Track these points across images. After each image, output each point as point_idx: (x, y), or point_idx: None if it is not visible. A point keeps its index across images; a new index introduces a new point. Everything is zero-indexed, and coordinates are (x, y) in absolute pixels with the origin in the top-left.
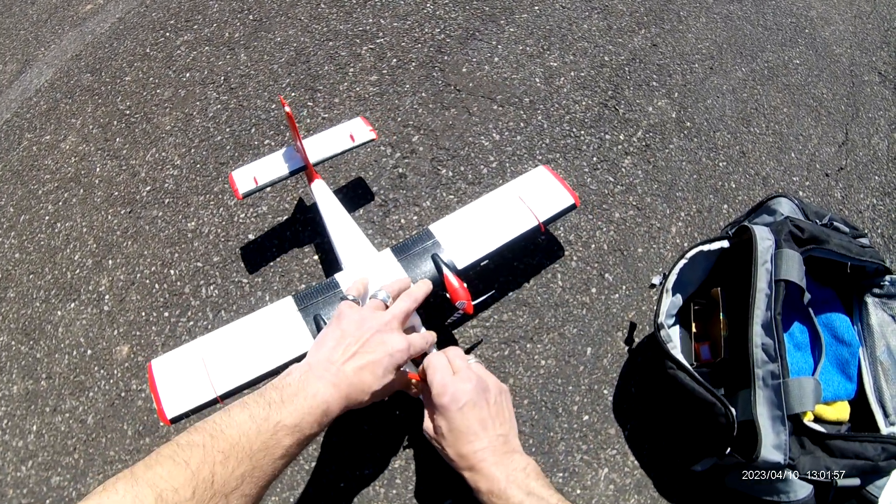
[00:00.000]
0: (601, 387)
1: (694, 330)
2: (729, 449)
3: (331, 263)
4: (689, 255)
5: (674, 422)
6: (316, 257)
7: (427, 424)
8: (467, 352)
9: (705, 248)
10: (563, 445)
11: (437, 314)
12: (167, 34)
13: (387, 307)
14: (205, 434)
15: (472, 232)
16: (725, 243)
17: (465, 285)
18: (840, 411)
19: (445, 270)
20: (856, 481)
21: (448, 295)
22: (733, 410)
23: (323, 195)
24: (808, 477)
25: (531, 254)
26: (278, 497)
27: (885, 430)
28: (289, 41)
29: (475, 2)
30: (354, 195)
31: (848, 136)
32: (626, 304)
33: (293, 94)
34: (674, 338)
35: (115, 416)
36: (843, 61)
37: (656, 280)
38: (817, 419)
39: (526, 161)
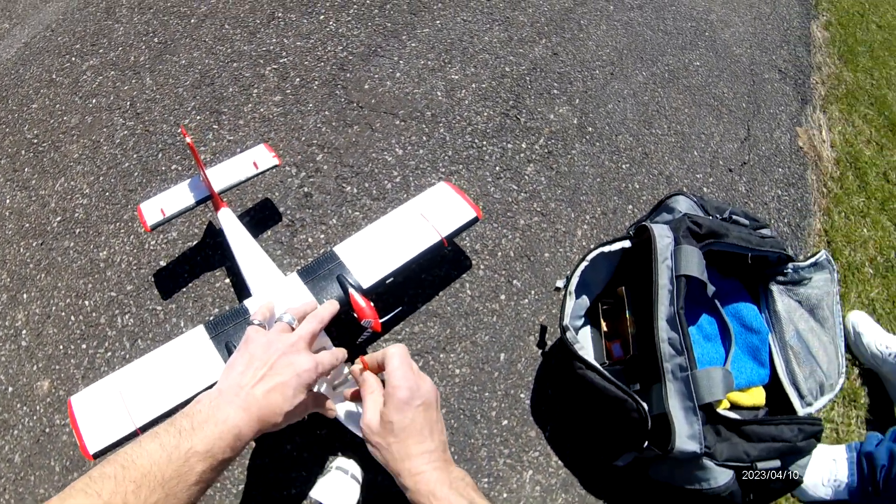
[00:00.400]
0: (518, 391)
1: (604, 329)
2: (646, 443)
3: (242, 286)
4: (589, 257)
5: (592, 420)
6: (227, 280)
7: (370, 419)
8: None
9: (606, 249)
10: (484, 451)
11: (348, 333)
12: (73, 59)
13: (293, 329)
14: (116, 465)
15: (376, 251)
16: (627, 243)
17: (372, 304)
18: (756, 397)
19: (351, 290)
20: (776, 463)
21: (355, 315)
22: (644, 405)
23: (229, 223)
24: (727, 464)
25: (438, 265)
26: None
27: (801, 411)
28: (193, 64)
29: (377, 18)
30: (262, 217)
31: (750, 132)
32: (536, 309)
33: (198, 117)
34: (584, 338)
35: (41, 453)
36: (744, 61)
37: (560, 283)
38: (734, 406)
39: (429, 174)
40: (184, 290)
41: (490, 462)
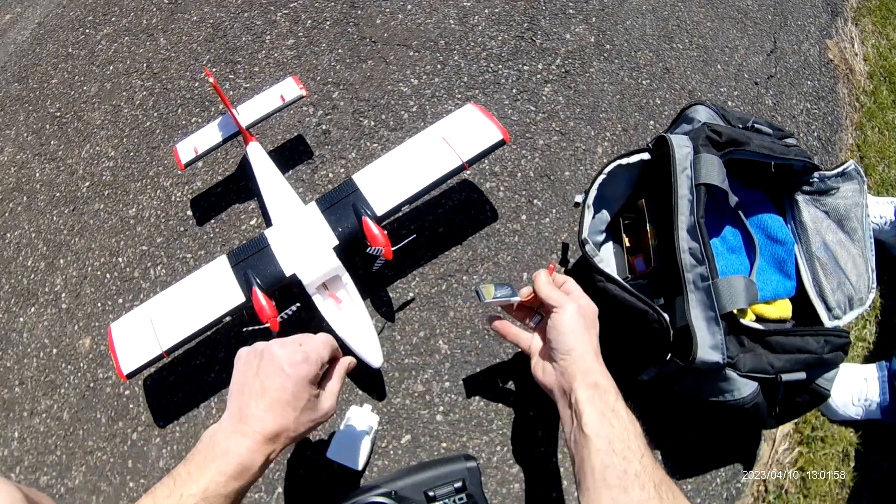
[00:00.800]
0: None
1: (626, 244)
2: (669, 355)
3: (268, 219)
4: (607, 170)
5: (614, 335)
6: (253, 222)
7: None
8: (399, 309)
9: (624, 161)
10: (510, 370)
11: (363, 264)
12: (87, 31)
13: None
14: None
15: (394, 177)
16: (646, 155)
17: (385, 232)
18: (782, 309)
19: (365, 218)
20: (801, 375)
21: (368, 242)
22: (666, 316)
23: (257, 157)
24: (751, 374)
25: (458, 191)
26: None
27: (828, 323)
28: (205, 18)
29: None
30: (293, 154)
31: (777, 44)
32: (557, 227)
33: (214, 69)
34: (606, 254)
35: (87, 408)
36: None
37: (579, 198)
38: (760, 319)
39: (445, 101)
40: (212, 236)
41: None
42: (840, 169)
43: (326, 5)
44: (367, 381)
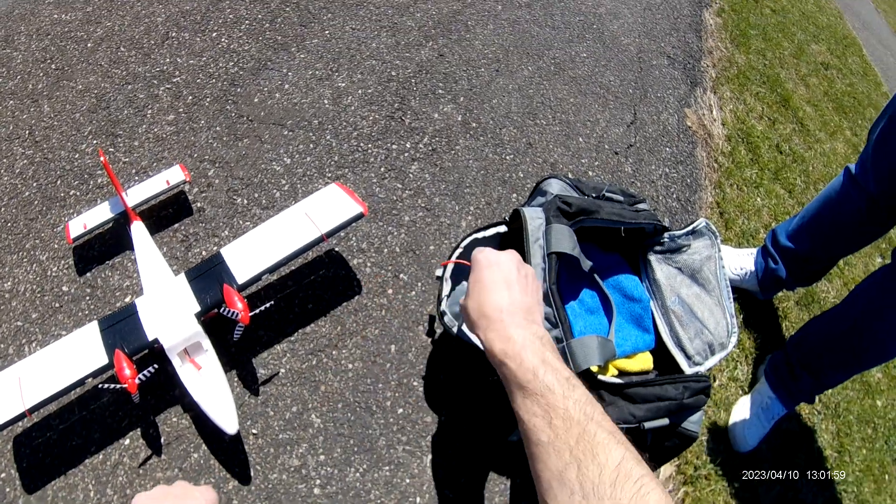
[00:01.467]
0: (410, 380)
1: None
2: None
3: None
4: (464, 243)
5: (483, 398)
6: (128, 299)
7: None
8: (263, 382)
9: (480, 234)
10: (383, 440)
11: (224, 330)
12: None
13: None
14: None
15: (257, 249)
16: (503, 228)
17: (244, 299)
18: (643, 362)
19: (225, 284)
20: (664, 421)
21: (227, 307)
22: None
23: (139, 235)
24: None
25: (326, 266)
26: None
27: (689, 370)
28: (90, 88)
29: (268, 32)
30: (168, 231)
31: (637, 115)
32: (423, 300)
33: (95, 141)
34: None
35: None
36: (632, 49)
37: (439, 272)
38: (623, 373)
39: (316, 180)
40: (87, 312)
41: (389, 450)
42: (690, 228)
43: (207, 82)
44: (234, 464)
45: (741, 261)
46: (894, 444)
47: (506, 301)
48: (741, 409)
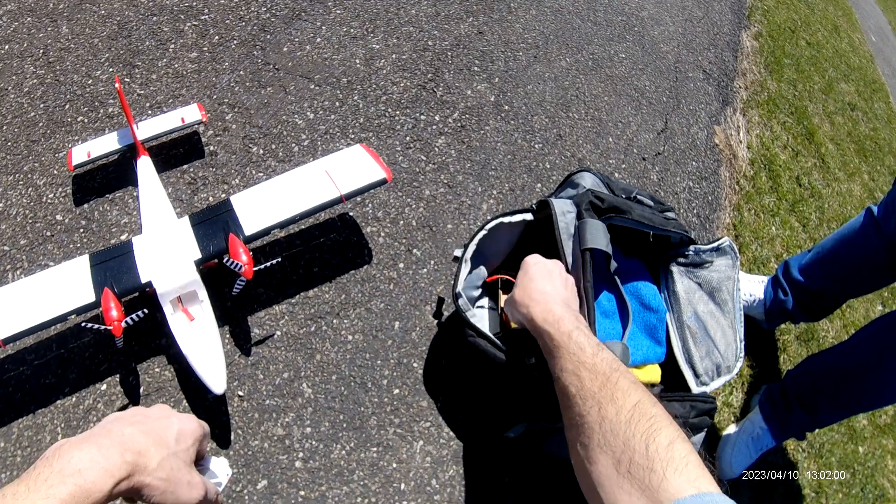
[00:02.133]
0: (411, 360)
1: (502, 302)
2: (537, 415)
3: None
4: (488, 226)
5: (483, 390)
6: (124, 237)
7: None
8: (257, 343)
9: (506, 219)
10: (374, 420)
11: (225, 284)
12: None
13: None
14: None
15: (270, 203)
16: (529, 216)
17: (250, 252)
18: (651, 374)
19: (231, 234)
20: None
21: (229, 257)
22: (535, 374)
23: (145, 171)
24: None
25: (338, 230)
26: None
27: (695, 389)
28: (113, 14)
29: None
30: (175, 171)
31: (668, 124)
32: (434, 279)
33: (111, 69)
34: (481, 310)
35: None
36: (670, 58)
37: (458, 252)
38: None
39: (338, 139)
40: (79, 245)
41: (380, 431)
42: (715, 244)
43: (237, 24)
44: (214, 425)
45: (752, 287)
46: (869, 492)
47: (549, 288)
48: (731, 436)
